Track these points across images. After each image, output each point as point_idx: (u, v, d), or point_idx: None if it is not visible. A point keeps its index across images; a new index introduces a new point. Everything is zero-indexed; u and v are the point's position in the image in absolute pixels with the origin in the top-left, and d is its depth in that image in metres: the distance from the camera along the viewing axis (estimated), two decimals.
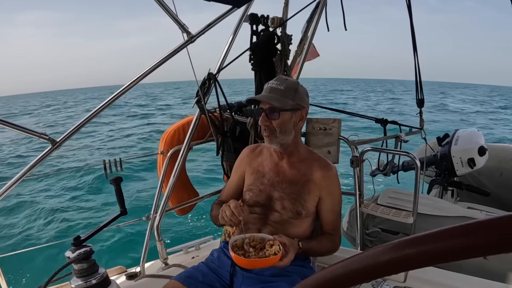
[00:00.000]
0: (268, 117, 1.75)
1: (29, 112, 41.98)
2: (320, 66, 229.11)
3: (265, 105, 1.75)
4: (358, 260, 0.56)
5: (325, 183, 1.85)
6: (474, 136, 3.76)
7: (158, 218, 2.55)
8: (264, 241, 1.64)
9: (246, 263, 1.53)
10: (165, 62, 2.31)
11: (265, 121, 1.76)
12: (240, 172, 2.01)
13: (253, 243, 1.62)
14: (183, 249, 2.83)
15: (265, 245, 1.60)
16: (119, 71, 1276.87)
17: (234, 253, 1.53)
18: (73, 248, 1.74)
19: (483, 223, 0.46)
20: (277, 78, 1.81)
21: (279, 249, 1.55)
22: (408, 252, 0.50)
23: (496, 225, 0.45)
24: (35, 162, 1.99)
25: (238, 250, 1.57)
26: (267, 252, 1.56)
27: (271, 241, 1.61)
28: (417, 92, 3.55)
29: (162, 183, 2.68)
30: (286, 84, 1.76)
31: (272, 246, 1.58)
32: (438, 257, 0.49)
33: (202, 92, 2.54)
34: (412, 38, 3.37)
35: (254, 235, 1.66)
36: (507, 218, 0.43)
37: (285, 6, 2.81)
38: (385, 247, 0.53)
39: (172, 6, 2.14)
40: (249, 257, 1.54)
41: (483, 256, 0.45)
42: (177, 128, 2.82)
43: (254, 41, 2.63)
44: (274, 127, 1.77)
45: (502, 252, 0.43)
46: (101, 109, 2.17)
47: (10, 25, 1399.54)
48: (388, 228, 3.02)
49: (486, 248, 0.45)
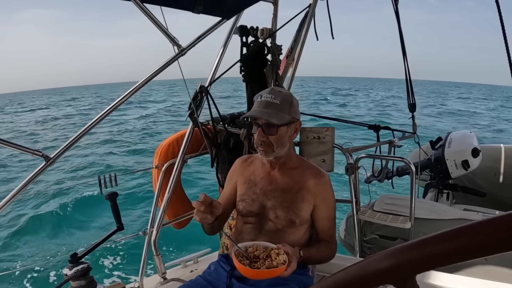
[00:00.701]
0: (264, 132, 1.74)
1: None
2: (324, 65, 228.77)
3: (261, 120, 1.73)
4: (364, 267, 0.57)
5: (319, 191, 1.84)
6: (467, 138, 3.79)
7: (155, 232, 2.53)
8: (267, 249, 1.60)
9: (254, 274, 1.49)
10: (156, 75, 2.32)
11: (261, 136, 1.74)
12: (232, 183, 2.00)
13: (256, 252, 1.58)
14: (181, 263, 2.81)
15: (270, 254, 1.57)
16: (119, 69, 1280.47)
17: (239, 263, 1.48)
18: (70, 265, 1.73)
19: (485, 223, 0.46)
20: (270, 91, 1.77)
21: (286, 259, 1.52)
22: (415, 256, 0.51)
23: (498, 224, 0.45)
24: (29, 180, 1.97)
25: (242, 260, 1.52)
26: (274, 261, 1.52)
27: (276, 250, 1.58)
28: (409, 96, 3.57)
29: (158, 197, 2.67)
30: (281, 97, 1.74)
31: (279, 255, 1.54)
32: (444, 259, 0.49)
33: (195, 105, 2.54)
34: (401, 44, 3.39)
35: (257, 243, 1.63)
36: (507, 217, 0.44)
37: (274, 17, 2.83)
38: (389, 252, 0.53)
39: (162, 19, 2.15)
40: (256, 267, 1.49)
41: (487, 256, 0.45)
42: (171, 142, 2.82)
43: (244, 52, 2.65)
44: (270, 142, 1.76)
45: (504, 251, 0.43)
46: (94, 124, 2.17)
47: (10, 24, 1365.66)
48: (386, 234, 3.03)
49: (491, 247, 0.45)
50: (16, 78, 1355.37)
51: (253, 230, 1.85)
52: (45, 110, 38.29)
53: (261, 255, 1.56)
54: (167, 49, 2.27)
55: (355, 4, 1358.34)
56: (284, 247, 1.59)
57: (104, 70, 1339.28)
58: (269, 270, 1.47)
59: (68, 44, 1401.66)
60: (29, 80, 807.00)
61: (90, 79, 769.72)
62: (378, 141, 3.17)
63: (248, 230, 1.87)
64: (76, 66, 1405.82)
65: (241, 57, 2.63)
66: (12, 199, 1.95)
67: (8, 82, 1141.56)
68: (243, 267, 1.47)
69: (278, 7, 2.86)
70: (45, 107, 42.72)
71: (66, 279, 1.70)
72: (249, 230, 1.87)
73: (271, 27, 2.80)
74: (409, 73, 3.45)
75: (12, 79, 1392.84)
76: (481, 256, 0.46)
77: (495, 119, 26.61)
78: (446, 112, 28.93)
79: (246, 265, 1.48)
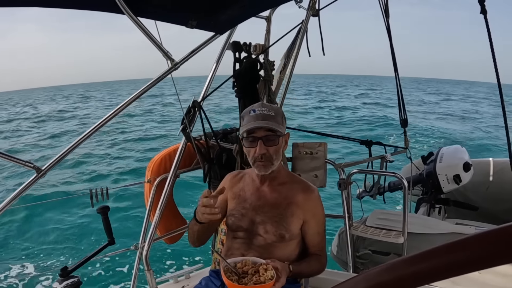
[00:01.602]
0: (265, 144, 1.74)
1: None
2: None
3: (260, 133, 1.73)
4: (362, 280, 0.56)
5: (308, 206, 1.85)
6: (458, 152, 3.82)
7: (147, 247, 2.52)
8: (256, 265, 1.60)
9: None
10: (149, 89, 2.32)
11: (263, 149, 1.73)
12: (222, 198, 2.00)
13: (245, 267, 1.58)
14: (173, 279, 2.79)
15: (258, 269, 1.56)
16: (120, 67, 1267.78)
17: (228, 278, 1.48)
18: (60, 279, 1.71)
19: (479, 237, 0.46)
20: (261, 104, 1.80)
21: (273, 274, 1.52)
22: (412, 271, 0.51)
23: (492, 237, 0.45)
24: (19, 191, 1.96)
25: (231, 276, 1.52)
26: (261, 277, 1.51)
27: (265, 265, 1.57)
28: (400, 112, 3.59)
29: (149, 212, 2.66)
30: (274, 110, 1.77)
31: (267, 271, 1.54)
32: (437, 274, 0.49)
33: (188, 120, 2.55)
34: (393, 60, 3.43)
35: (246, 259, 1.62)
36: (502, 230, 0.44)
37: (266, 33, 2.86)
38: (384, 267, 0.53)
39: (156, 34, 2.16)
40: (244, 283, 1.49)
41: (480, 270, 0.45)
42: (164, 156, 2.82)
43: (237, 68, 2.66)
44: (270, 155, 1.76)
45: (499, 264, 0.43)
46: (84, 138, 2.16)
47: (11, 21, 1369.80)
48: (379, 249, 3.02)
49: (487, 261, 0.45)
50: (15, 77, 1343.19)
51: (243, 245, 1.85)
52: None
53: (250, 270, 1.55)
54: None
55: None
56: (273, 263, 1.58)
57: (107, 67, 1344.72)
58: (256, 286, 1.47)
59: (69, 42, 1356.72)
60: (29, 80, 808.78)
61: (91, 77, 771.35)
62: (370, 156, 3.18)
63: (238, 245, 1.86)
64: (77, 63, 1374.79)
65: (234, 72, 2.64)
66: (2, 211, 1.94)
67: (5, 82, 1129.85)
68: (231, 283, 1.47)
69: (271, 23, 2.89)
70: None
71: None
72: (238, 245, 1.86)
73: (264, 43, 2.83)
74: (400, 90, 3.48)
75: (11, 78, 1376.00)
76: (482, 269, 0.46)
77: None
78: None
79: (234, 281, 1.48)
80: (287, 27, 2.79)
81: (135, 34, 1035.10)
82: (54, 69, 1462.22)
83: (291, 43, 2.90)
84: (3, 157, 1.87)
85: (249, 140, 1.76)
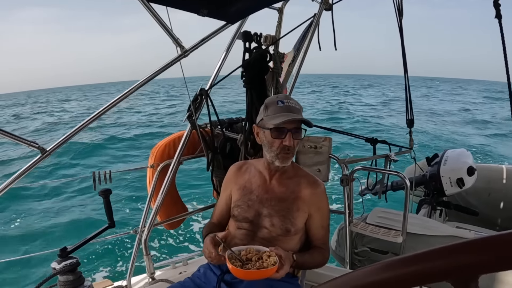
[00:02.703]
0: (293, 137, 1.74)
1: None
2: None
3: (291, 125, 1.73)
4: (350, 280, 0.56)
5: (314, 200, 1.85)
6: (463, 156, 3.80)
7: (146, 232, 2.53)
8: (259, 252, 1.62)
9: (244, 274, 1.51)
10: (158, 75, 2.32)
11: (291, 141, 1.73)
12: (227, 191, 2.00)
13: (249, 255, 1.60)
14: (171, 264, 2.80)
15: (262, 256, 1.59)
16: (119, 67, 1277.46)
17: (232, 264, 1.51)
18: (59, 260, 1.73)
19: (479, 241, 0.46)
20: (286, 96, 1.82)
21: (276, 260, 1.54)
22: (405, 271, 0.50)
23: (492, 243, 0.45)
24: (23, 170, 1.97)
25: (235, 262, 1.55)
26: (264, 263, 1.54)
27: (268, 253, 1.60)
28: (407, 112, 3.58)
29: (151, 197, 2.67)
30: (298, 104, 1.79)
31: (270, 257, 1.57)
32: (432, 276, 0.49)
33: (194, 108, 2.55)
34: (403, 60, 3.41)
35: (250, 247, 1.65)
36: (503, 236, 0.44)
37: (278, 25, 2.84)
38: (379, 265, 0.53)
39: (167, 20, 2.15)
40: (247, 268, 1.52)
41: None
42: (168, 143, 2.82)
43: (246, 58, 2.65)
44: (294, 147, 1.78)
45: (498, 270, 0.43)
46: (91, 120, 2.17)
47: (9, 22, 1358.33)
48: (377, 247, 3.03)
49: (484, 266, 0.45)
50: (15, 78, 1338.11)
51: (247, 236, 1.86)
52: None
53: (253, 257, 1.58)
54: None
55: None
56: (277, 250, 1.59)
57: (106, 69, 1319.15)
58: (259, 271, 1.50)
59: (68, 42, 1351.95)
60: (28, 80, 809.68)
61: (91, 78, 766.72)
62: (375, 154, 3.18)
63: (242, 236, 1.87)
64: (77, 65, 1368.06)
65: (243, 62, 2.64)
66: (5, 189, 1.95)
67: (5, 82, 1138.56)
68: (235, 268, 1.49)
69: (283, 15, 2.88)
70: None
71: (54, 273, 1.70)
72: (242, 236, 1.87)
73: (275, 34, 2.81)
74: (409, 90, 3.47)
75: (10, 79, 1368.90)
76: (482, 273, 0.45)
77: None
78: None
79: (238, 267, 1.51)
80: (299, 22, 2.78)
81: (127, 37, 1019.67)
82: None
83: (301, 36, 2.88)
84: (8, 136, 1.87)
85: (278, 131, 1.74)
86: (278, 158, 1.79)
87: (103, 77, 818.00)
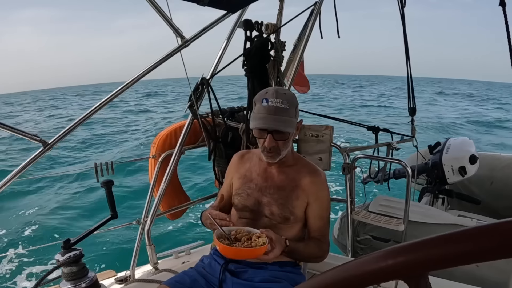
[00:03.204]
0: (274, 138, 1.72)
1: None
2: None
3: (271, 126, 1.71)
4: (350, 268, 0.56)
5: (313, 189, 1.84)
6: (465, 144, 3.79)
7: (149, 222, 2.54)
8: (249, 234, 1.63)
9: (232, 252, 1.53)
10: (158, 66, 2.31)
11: (272, 142, 1.72)
12: (229, 179, 2.01)
13: (239, 235, 1.61)
14: (174, 254, 2.82)
15: (251, 237, 1.59)
16: (117, 68, 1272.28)
17: (220, 243, 1.51)
18: (63, 251, 1.73)
19: (481, 228, 0.46)
20: (275, 94, 1.70)
21: (266, 241, 1.54)
22: (406, 259, 0.50)
23: (494, 231, 0.45)
24: (25, 164, 1.97)
25: (223, 241, 1.56)
26: (253, 243, 1.55)
27: (258, 234, 1.60)
28: (409, 100, 3.57)
29: (153, 187, 2.67)
30: (288, 101, 1.69)
31: (259, 238, 1.57)
32: (434, 264, 0.49)
33: (195, 97, 2.54)
34: (405, 48, 3.39)
35: (241, 228, 1.66)
36: (504, 224, 0.43)
37: (279, 13, 2.82)
38: (378, 254, 0.53)
39: (167, 10, 2.14)
40: (235, 246, 1.53)
41: (477, 263, 0.45)
42: (169, 133, 2.82)
43: (247, 47, 2.64)
44: (279, 147, 1.75)
45: (499, 258, 0.43)
46: (93, 112, 2.16)
47: (6, 23, 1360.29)
48: (379, 235, 3.03)
49: (484, 254, 0.45)
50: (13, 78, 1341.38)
51: (247, 225, 1.86)
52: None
53: (243, 238, 1.59)
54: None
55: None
56: (267, 232, 1.60)
57: (104, 69, 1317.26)
58: (247, 249, 1.51)
59: (65, 43, 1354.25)
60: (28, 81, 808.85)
61: (90, 79, 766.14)
62: (377, 142, 3.17)
63: (243, 224, 1.87)
64: (75, 65, 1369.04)
65: (244, 51, 2.62)
66: (8, 183, 1.95)
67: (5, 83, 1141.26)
68: (223, 246, 1.50)
69: (284, 3, 2.85)
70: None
71: (58, 265, 1.70)
72: (243, 225, 1.86)
73: (276, 22, 2.79)
74: (411, 77, 3.45)
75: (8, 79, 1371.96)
76: (481, 261, 0.45)
77: None
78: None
79: (226, 245, 1.52)
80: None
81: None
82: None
83: (304, 25, 2.86)
84: (9, 130, 1.87)
85: (259, 132, 1.74)
86: (264, 156, 1.80)
87: (103, 77, 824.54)
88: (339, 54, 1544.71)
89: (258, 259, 1.56)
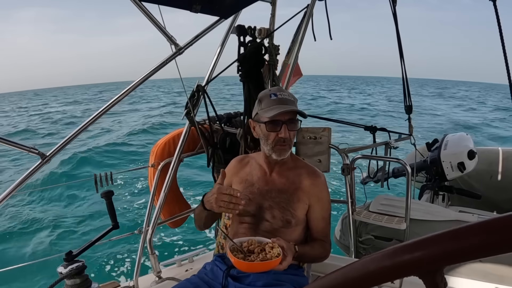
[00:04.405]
0: (288, 128, 1.75)
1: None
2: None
3: (285, 117, 1.74)
4: (358, 267, 0.56)
5: (314, 191, 1.85)
6: (463, 140, 3.80)
7: (151, 231, 2.53)
8: (261, 244, 1.60)
9: (248, 267, 1.49)
10: (153, 74, 2.31)
11: (287, 133, 1.75)
12: (228, 181, 2.00)
13: (251, 246, 1.58)
14: (176, 262, 2.82)
15: (264, 248, 1.57)
16: (118, 67, 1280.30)
17: (234, 257, 1.48)
18: (65, 264, 1.73)
19: (485, 224, 0.46)
20: (279, 89, 1.83)
21: (280, 252, 1.53)
22: (423, 253, 0.50)
23: (496, 226, 0.45)
24: (24, 177, 1.96)
25: (237, 254, 1.53)
26: (268, 254, 1.52)
27: (271, 244, 1.58)
28: (405, 98, 3.57)
29: (153, 196, 2.67)
30: (292, 95, 1.79)
31: (273, 249, 1.55)
32: (452, 257, 0.49)
33: (191, 104, 2.54)
34: (399, 46, 3.40)
35: (252, 239, 1.63)
36: (505, 219, 0.44)
37: (271, 17, 2.83)
38: (383, 253, 0.53)
39: (160, 18, 2.14)
40: (250, 260, 1.49)
41: (496, 255, 0.45)
42: (167, 141, 2.82)
43: (241, 52, 2.64)
44: (290, 139, 1.79)
45: (502, 253, 0.43)
46: (89, 123, 2.16)
47: (8, 22, 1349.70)
48: (381, 235, 3.03)
49: (495, 248, 0.45)
50: (10, 77, 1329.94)
51: (249, 230, 1.86)
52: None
53: (256, 249, 1.56)
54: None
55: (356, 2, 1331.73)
56: (279, 241, 1.58)
57: (104, 69, 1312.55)
58: (263, 263, 1.48)
59: (67, 42, 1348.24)
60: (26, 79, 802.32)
61: (90, 78, 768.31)
62: (375, 142, 3.17)
63: (244, 230, 1.87)
64: (75, 65, 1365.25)
65: (239, 56, 2.63)
66: (7, 197, 1.94)
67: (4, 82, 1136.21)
68: (238, 260, 1.47)
69: (276, 7, 2.86)
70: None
71: (61, 277, 1.70)
72: (245, 230, 1.87)
73: (269, 27, 2.80)
74: (406, 75, 3.46)
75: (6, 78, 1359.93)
76: (490, 255, 0.45)
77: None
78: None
79: (240, 259, 1.48)
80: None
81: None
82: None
83: (297, 28, 2.87)
84: (7, 143, 1.86)
85: (273, 124, 1.75)
86: (275, 151, 1.80)
87: (101, 77, 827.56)
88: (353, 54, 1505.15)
89: (273, 269, 1.54)
